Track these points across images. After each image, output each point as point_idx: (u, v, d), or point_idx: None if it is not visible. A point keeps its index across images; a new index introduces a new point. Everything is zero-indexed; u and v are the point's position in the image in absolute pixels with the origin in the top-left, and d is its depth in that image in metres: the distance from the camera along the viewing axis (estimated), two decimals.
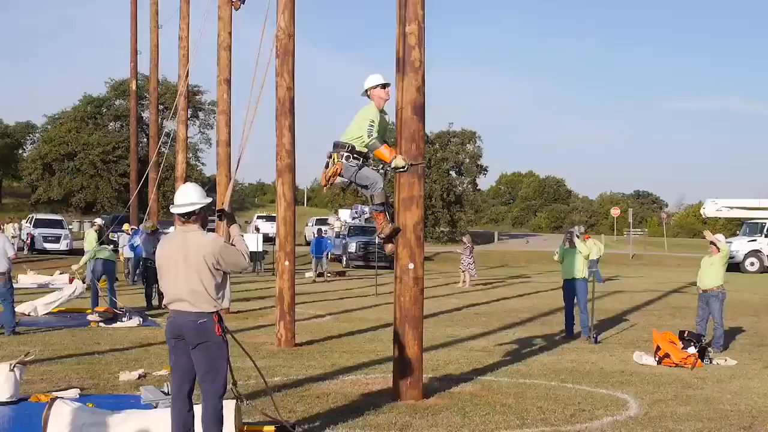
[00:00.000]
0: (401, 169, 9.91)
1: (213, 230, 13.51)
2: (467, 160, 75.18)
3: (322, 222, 58.24)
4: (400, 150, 10.06)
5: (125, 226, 34.55)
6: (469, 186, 76.94)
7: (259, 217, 64.14)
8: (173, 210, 7.47)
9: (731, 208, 51.05)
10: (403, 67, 9.91)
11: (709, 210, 51.64)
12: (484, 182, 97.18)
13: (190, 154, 70.19)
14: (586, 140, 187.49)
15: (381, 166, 10.51)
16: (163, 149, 35.63)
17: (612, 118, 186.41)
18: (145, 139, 62.87)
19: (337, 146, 10.27)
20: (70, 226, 53.06)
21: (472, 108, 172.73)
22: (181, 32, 27.76)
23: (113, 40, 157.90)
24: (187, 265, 7.17)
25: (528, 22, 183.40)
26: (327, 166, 10.35)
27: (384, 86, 10.33)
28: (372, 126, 10.03)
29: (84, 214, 72.72)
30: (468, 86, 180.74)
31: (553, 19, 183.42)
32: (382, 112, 10.34)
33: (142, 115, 68.55)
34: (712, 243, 16.16)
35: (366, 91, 10.42)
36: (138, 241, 27.39)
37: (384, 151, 10.05)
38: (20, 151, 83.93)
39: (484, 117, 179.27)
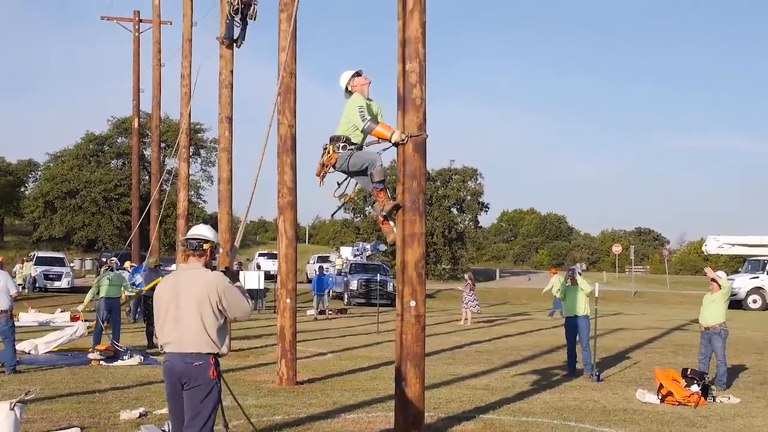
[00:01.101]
0: (402, 143, 9.93)
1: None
2: (469, 198, 75.30)
3: (324, 259, 58.21)
4: (401, 187, 10.06)
5: (126, 264, 34.55)
6: (471, 223, 77.01)
7: (260, 255, 64.13)
8: (182, 239, 7.47)
9: (733, 245, 50.98)
10: (405, 104, 9.94)
11: (711, 247, 51.59)
12: (486, 219, 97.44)
13: (192, 192, 70.28)
14: (587, 177, 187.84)
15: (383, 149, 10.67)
16: (164, 187, 35.72)
17: (613, 155, 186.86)
18: (147, 177, 62.93)
19: (333, 140, 10.57)
20: (71, 264, 53.03)
21: (473, 145, 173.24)
22: (183, 70, 27.88)
23: (116, 78, 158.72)
24: (188, 303, 7.06)
25: (529, 60, 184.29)
26: (321, 157, 10.62)
27: (358, 74, 10.74)
28: (363, 110, 10.27)
29: (85, 251, 72.65)
30: (469, 123, 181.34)
31: (554, 57, 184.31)
32: (368, 99, 10.63)
33: (144, 152, 68.71)
34: (713, 280, 16.14)
35: (346, 89, 10.78)
36: (139, 278, 27.36)
37: (382, 130, 10.14)
38: (22, 189, 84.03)
39: (485, 154, 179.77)
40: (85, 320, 23.03)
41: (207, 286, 7.11)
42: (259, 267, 50.83)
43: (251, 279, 37.16)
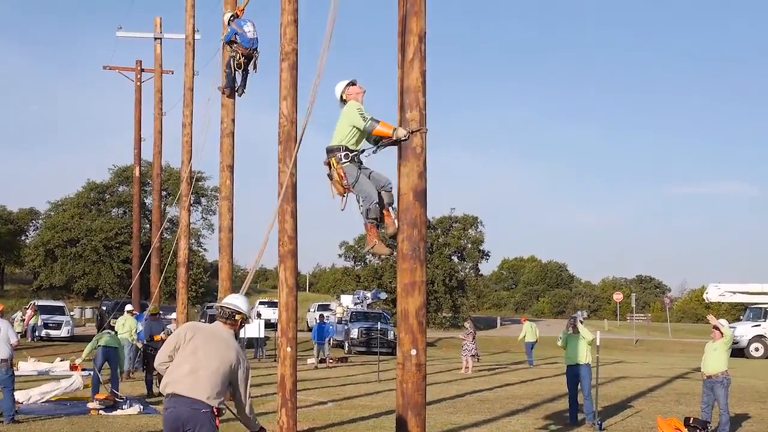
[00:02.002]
0: (404, 139, 9.93)
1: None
2: (469, 246, 75.34)
3: (324, 308, 58.07)
4: (401, 236, 10.07)
5: (128, 307, 34.46)
6: (471, 271, 77.00)
7: (260, 303, 64.00)
8: (217, 305, 7.93)
9: (734, 292, 50.89)
10: (405, 152, 9.97)
11: (712, 295, 51.49)
12: (486, 267, 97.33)
13: (193, 240, 70.26)
14: (587, 225, 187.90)
15: (377, 146, 10.56)
16: (165, 235, 35.77)
17: (613, 202, 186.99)
18: (148, 225, 62.99)
19: (331, 151, 10.51)
20: (71, 313, 52.90)
21: (473, 193, 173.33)
22: (184, 119, 28.00)
23: (117, 126, 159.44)
24: (212, 359, 7.38)
25: (529, 109, 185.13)
26: (330, 177, 10.55)
27: (352, 83, 10.82)
28: (362, 111, 10.31)
29: (86, 300, 72.56)
30: (470, 171, 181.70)
31: (554, 105, 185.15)
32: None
33: (145, 201, 68.85)
34: (715, 328, 16.10)
35: (342, 99, 10.83)
36: (139, 327, 27.29)
37: (383, 128, 10.15)
38: (23, 238, 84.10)
39: (486, 202, 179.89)
40: (83, 369, 22.96)
41: (233, 354, 7.54)
42: (259, 315, 50.55)
43: (251, 327, 36.99)
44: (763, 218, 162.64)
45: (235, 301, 7.94)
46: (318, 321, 37.42)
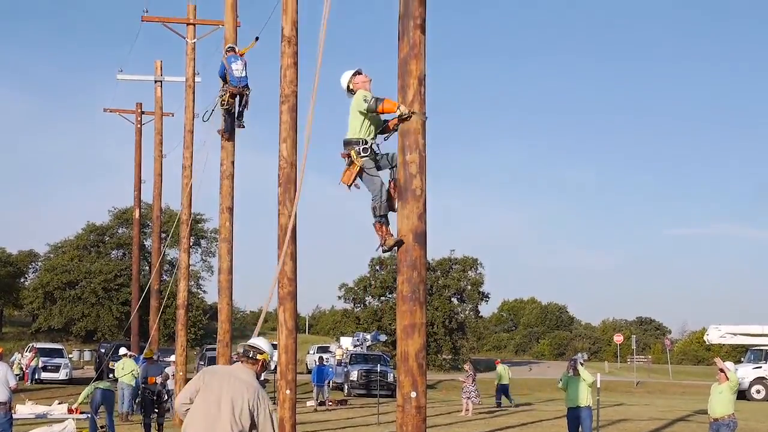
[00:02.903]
0: (406, 116, 9.93)
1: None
2: (469, 287, 75.26)
3: (324, 350, 57.88)
4: (401, 277, 10.05)
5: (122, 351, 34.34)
6: (471, 313, 76.84)
7: None
8: (240, 345, 7.93)
9: (735, 334, 50.71)
10: (405, 194, 9.99)
11: (713, 336, 51.32)
12: (486, 309, 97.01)
13: (192, 282, 70.17)
14: (587, 266, 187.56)
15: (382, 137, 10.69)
16: (164, 277, 35.74)
17: (613, 244, 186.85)
18: (147, 267, 62.95)
19: (350, 143, 10.58)
20: (70, 355, 52.69)
21: (473, 234, 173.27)
22: (184, 161, 28.10)
23: (117, 169, 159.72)
24: (228, 409, 7.33)
25: (527, 151, 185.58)
26: (349, 165, 10.59)
27: (358, 72, 10.90)
28: (365, 97, 10.40)
29: (84, 342, 72.29)
30: (469, 212, 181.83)
31: (553, 147, 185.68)
32: None
33: (145, 243, 68.82)
34: (721, 370, 16.04)
35: (349, 89, 10.91)
36: (139, 369, 27.18)
37: (386, 105, 10.20)
38: (22, 280, 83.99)
39: (486, 243, 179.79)
40: (81, 412, 22.84)
41: (253, 396, 7.52)
42: None
43: None
44: (762, 259, 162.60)
45: (259, 342, 7.99)
46: (317, 363, 37.28)
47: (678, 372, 73.10)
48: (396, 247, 10.11)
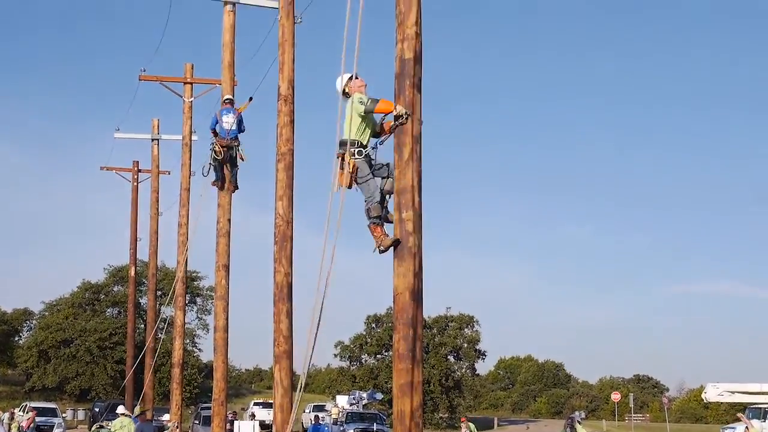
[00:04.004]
0: (403, 117, 9.91)
1: None
2: (465, 345, 74.96)
3: (320, 408, 57.47)
4: (397, 335, 10.02)
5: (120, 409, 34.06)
6: (468, 371, 76.45)
7: (255, 404, 63.26)
8: None
9: (733, 392, 50.44)
10: (401, 252, 9.99)
11: (711, 394, 51.02)
12: (483, 367, 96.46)
13: (187, 340, 69.81)
14: (584, 324, 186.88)
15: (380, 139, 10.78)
16: (160, 335, 35.60)
17: (609, 302, 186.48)
18: (143, 325, 62.70)
19: (344, 144, 10.66)
20: (63, 414, 52.23)
21: (469, 292, 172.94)
22: (180, 219, 28.12)
23: (113, 226, 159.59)
24: None
25: (524, 210, 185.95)
26: (342, 168, 10.66)
27: (354, 77, 10.99)
28: (361, 99, 10.54)
29: (78, 401, 71.68)
30: (465, 270, 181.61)
31: (549, 206, 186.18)
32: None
33: (140, 300, 68.59)
34: (746, 428, 15.92)
35: (344, 93, 11.03)
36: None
37: (383, 105, 10.29)
38: (16, 338, 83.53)
39: (482, 300, 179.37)
40: None
41: None
42: (253, 416, 50.14)
43: (246, 428, 36.60)
44: (760, 317, 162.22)
45: None
46: (314, 422, 37.02)
47: (676, 430, 72.56)
48: (393, 247, 10.10)
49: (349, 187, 10.73)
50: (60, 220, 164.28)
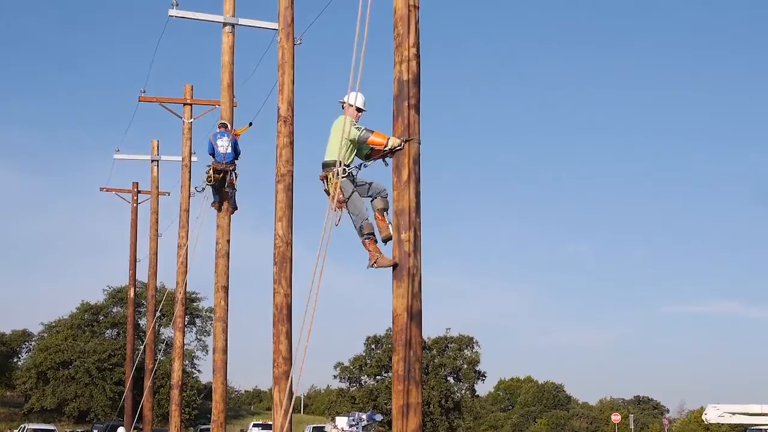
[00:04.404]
0: (398, 148, 9.92)
1: None
2: (465, 366, 74.83)
3: (319, 430, 57.29)
4: (396, 357, 10.00)
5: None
6: (468, 392, 76.28)
7: (254, 425, 63.04)
8: None
9: (733, 413, 50.29)
10: (400, 273, 9.98)
11: (711, 416, 50.86)
12: (483, 388, 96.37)
13: (187, 361, 69.69)
14: (584, 344, 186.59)
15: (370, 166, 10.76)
16: (159, 356, 35.57)
17: (610, 322, 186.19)
18: (142, 347, 62.64)
19: (327, 165, 10.71)
20: None
21: (469, 313, 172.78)
22: (180, 240, 28.09)
23: (112, 247, 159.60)
24: None
25: (524, 228, 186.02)
26: (327, 192, 10.71)
27: (359, 110, 11.05)
28: (355, 124, 10.57)
29: (77, 423, 71.49)
30: (464, 291, 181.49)
31: (549, 224, 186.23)
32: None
33: (139, 322, 68.51)
34: None
35: (342, 103, 11.05)
36: None
37: (377, 138, 10.27)
38: (15, 360, 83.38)
39: (481, 321, 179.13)
40: None
41: None
42: None
43: None
44: (761, 338, 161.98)
45: None
46: None
47: None
48: (392, 268, 10.08)
49: (337, 209, 10.76)
50: (59, 242, 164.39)
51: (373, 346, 76.35)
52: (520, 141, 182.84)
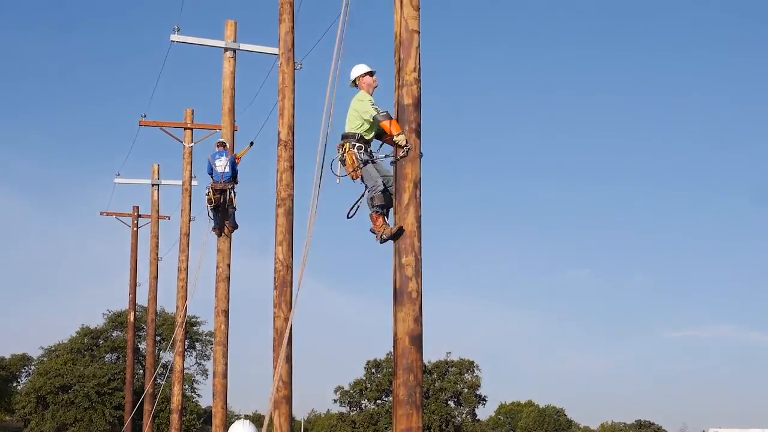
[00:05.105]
0: (402, 145, 9.94)
1: None
2: (466, 390, 74.63)
3: None
4: (397, 381, 9.97)
5: None
6: (468, 416, 76.06)
7: None
8: None
9: None
10: (400, 297, 9.97)
11: None
12: (483, 412, 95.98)
13: (186, 386, 69.46)
14: (585, 368, 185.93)
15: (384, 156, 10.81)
16: (159, 380, 35.47)
17: (611, 346, 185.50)
18: (142, 371, 62.43)
19: (346, 137, 10.83)
20: None
21: (469, 336, 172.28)
22: (180, 264, 28.09)
23: (112, 271, 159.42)
24: None
25: (524, 253, 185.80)
26: (343, 161, 10.85)
27: (371, 73, 11.07)
28: (374, 104, 10.65)
29: None
30: (465, 315, 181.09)
31: (548, 250, 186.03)
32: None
33: (139, 346, 68.36)
34: None
35: (354, 81, 11.14)
36: None
37: (387, 124, 10.35)
38: (14, 384, 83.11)
39: (482, 345, 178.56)
40: None
41: None
42: None
43: None
44: (762, 362, 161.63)
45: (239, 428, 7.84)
46: None
47: None
48: (393, 239, 10.11)
49: (353, 179, 10.88)
50: (59, 266, 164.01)
51: (373, 370, 76.15)
52: (522, 165, 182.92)
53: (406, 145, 9.99)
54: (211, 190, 20.61)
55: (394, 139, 10.13)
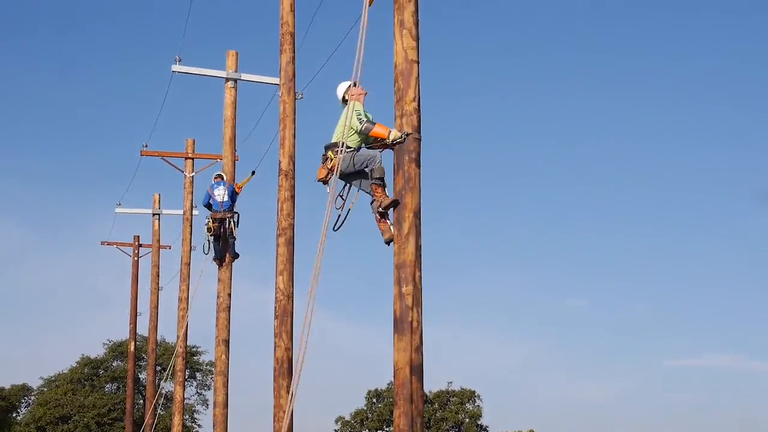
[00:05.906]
0: (399, 141, 9.93)
1: None
2: (467, 420, 74.29)
3: None
4: (397, 411, 9.94)
5: None
6: None
7: None
8: None
9: None
10: (401, 327, 9.95)
11: None
12: None
13: (187, 416, 69.24)
14: (586, 398, 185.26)
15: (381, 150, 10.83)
16: (159, 411, 35.36)
17: (611, 376, 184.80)
18: (142, 401, 62.22)
19: (330, 147, 10.95)
20: None
21: (470, 366, 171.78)
22: (180, 293, 28.06)
23: (113, 301, 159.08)
24: None
25: (524, 281, 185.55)
26: (331, 168, 10.89)
27: (355, 84, 11.01)
28: (360, 114, 10.64)
29: None
30: (466, 344, 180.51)
31: (548, 278, 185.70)
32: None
33: (139, 376, 68.19)
34: None
35: (344, 100, 11.24)
36: None
37: (379, 129, 10.37)
38: (14, 415, 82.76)
39: (483, 375, 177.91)
40: None
41: None
42: None
43: None
44: (761, 391, 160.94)
45: None
46: None
47: None
48: (391, 208, 10.16)
49: (325, 182, 10.95)
50: (59, 295, 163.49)
51: (374, 400, 75.85)
52: (520, 191, 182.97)
53: (401, 139, 10.05)
54: (210, 219, 20.73)
55: (390, 138, 10.18)
